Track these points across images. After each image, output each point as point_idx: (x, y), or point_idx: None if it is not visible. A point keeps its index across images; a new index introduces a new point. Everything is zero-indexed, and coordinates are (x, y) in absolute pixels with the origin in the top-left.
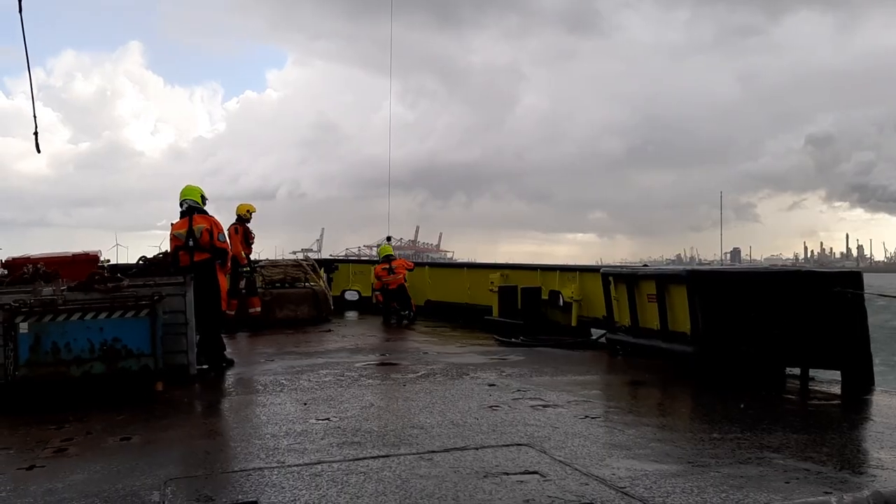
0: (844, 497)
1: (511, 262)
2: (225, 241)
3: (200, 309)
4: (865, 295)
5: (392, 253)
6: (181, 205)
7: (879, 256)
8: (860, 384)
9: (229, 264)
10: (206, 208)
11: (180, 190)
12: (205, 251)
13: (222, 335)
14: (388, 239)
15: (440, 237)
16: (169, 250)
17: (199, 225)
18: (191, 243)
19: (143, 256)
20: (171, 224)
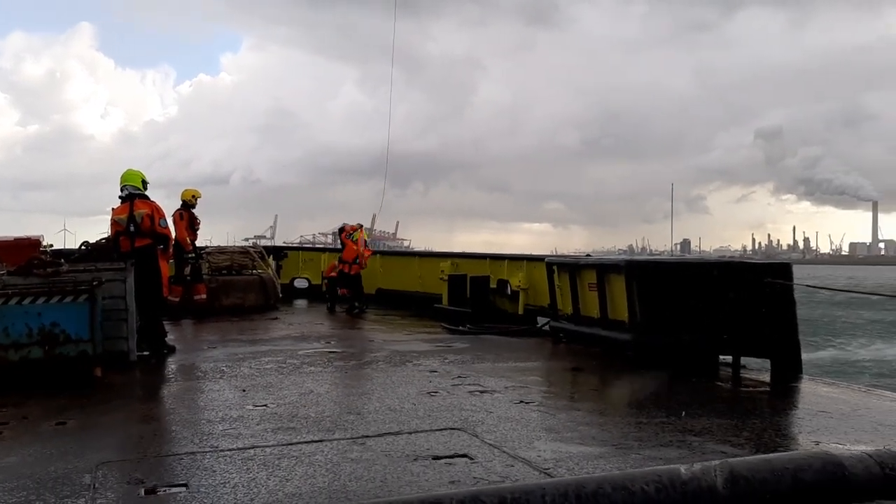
0: (694, 466)
1: (467, 251)
2: (166, 227)
3: (141, 295)
4: (808, 287)
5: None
6: (122, 190)
7: (825, 248)
8: (788, 372)
9: (172, 250)
10: (147, 193)
11: (120, 175)
12: (146, 237)
13: (165, 322)
14: (361, 226)
15: (397, 225)
16: (110, 236)
17: (140, 210)
18: (132, 229)
19: (86, 241)
20: (112, 209)
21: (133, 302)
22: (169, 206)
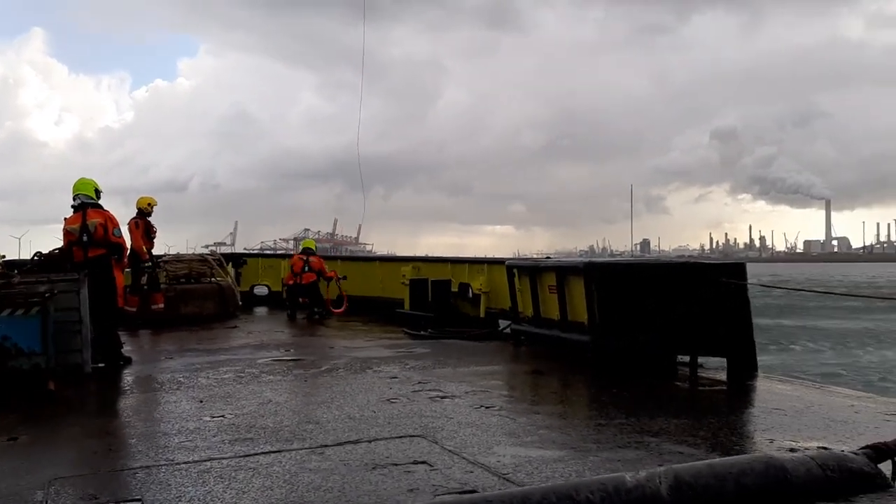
0: (639, 473)
1: (430, 254)
2: (121, 237)
3: (95, 306)
4: (762, 286)
5: (313, 247)
6: (74, 199)
7: (780, 247)
8: (744, 371)
9: (126, 260)
10: (101, 202)
11: (73, 184)
12: (100, 246)
13: (122, 333)
14: (306, 231)
15: (359, 229)
16: (63, 246)
17: (94, 220)
18: (85, 238)
19: (39, 252)
20: (65, 219)
21: (87, 313)
22: (126, 213)
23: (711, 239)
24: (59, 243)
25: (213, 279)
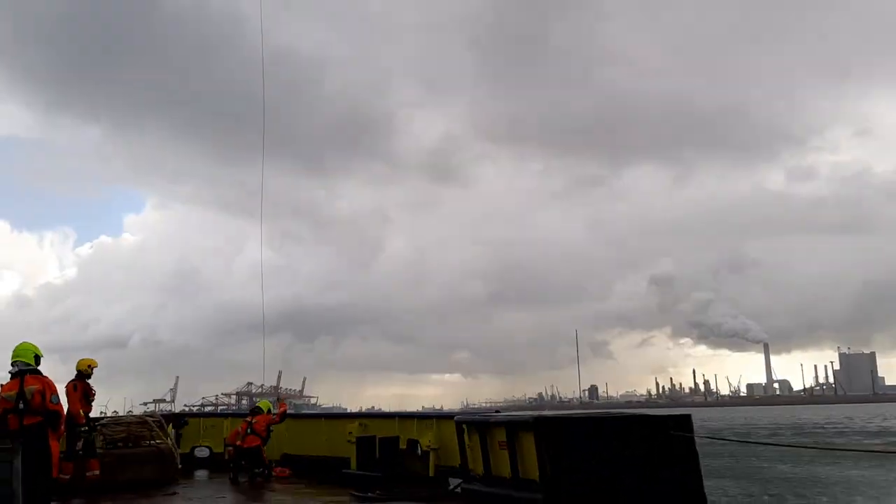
0: None
1: (377, 406)
2: (58, 403)
3: (29, 477)
4: (712, 437)
5: (265, 409)
6: (12, 365)
7: (725, 390)
8: None
9: (63, 427)
10: (40, 367)
11: (13, 348)
12: (36, 414)
13: (56, 503)
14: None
15: (304, 382)
16: None
17: (31, 386)
18: (21, 406)
19: None
20: (1, 386)
21: (20, 486)
22: (64, 371)
23: (657, 384)
24: None
25: (152, 442)
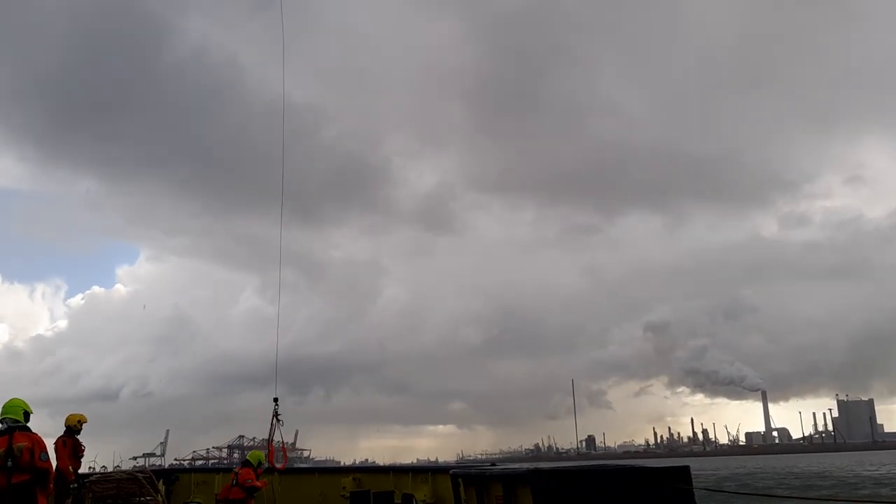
0: None
1: (371, 459)
2: (47, 461)
3: None
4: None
5: (255, 462)
6: (1, 422)
7: (723, 439)
8: None
9: (52, 485)
10: (29, 424)
11: (1, 405)
12: (25, 472)
13: None
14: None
15: (296, 435)
16: None
17: (20, 444)
18: (9, 464)
19: None
20: None
21: None
22: (53, 425)
23: (655, 434)
24: None
25: (142, 499)
